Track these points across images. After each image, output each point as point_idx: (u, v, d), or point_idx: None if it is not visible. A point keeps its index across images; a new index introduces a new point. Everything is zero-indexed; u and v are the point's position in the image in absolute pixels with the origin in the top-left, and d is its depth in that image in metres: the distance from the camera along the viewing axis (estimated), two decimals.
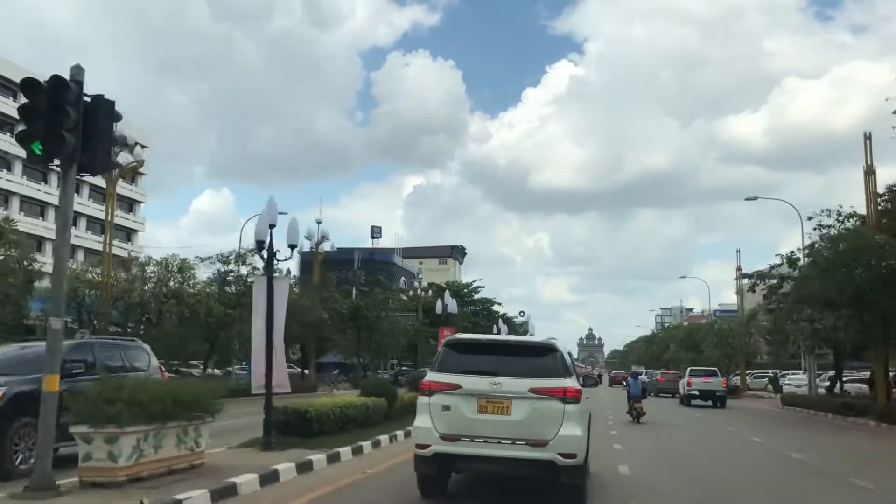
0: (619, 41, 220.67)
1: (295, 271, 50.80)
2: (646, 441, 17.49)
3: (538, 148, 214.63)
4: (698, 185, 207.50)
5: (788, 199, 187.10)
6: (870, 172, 25.84)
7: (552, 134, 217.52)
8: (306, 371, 46.92)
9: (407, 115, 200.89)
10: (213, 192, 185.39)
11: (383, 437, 14.04)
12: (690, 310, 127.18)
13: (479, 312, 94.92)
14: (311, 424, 12.43)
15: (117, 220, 72.53)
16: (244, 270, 35.47)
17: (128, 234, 73.11)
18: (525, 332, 75.19)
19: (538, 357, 8.12)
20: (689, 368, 37.06)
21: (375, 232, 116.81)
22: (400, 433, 15.01)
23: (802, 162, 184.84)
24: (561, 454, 7.48)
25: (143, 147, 31.66)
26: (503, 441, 7.60)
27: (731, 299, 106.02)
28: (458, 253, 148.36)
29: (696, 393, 34.36)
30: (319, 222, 47.34)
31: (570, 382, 7.94)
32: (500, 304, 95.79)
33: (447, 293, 24.40)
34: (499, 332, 39.48)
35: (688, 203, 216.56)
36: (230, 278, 35.47)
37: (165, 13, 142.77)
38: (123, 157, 28.31)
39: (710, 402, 34.45)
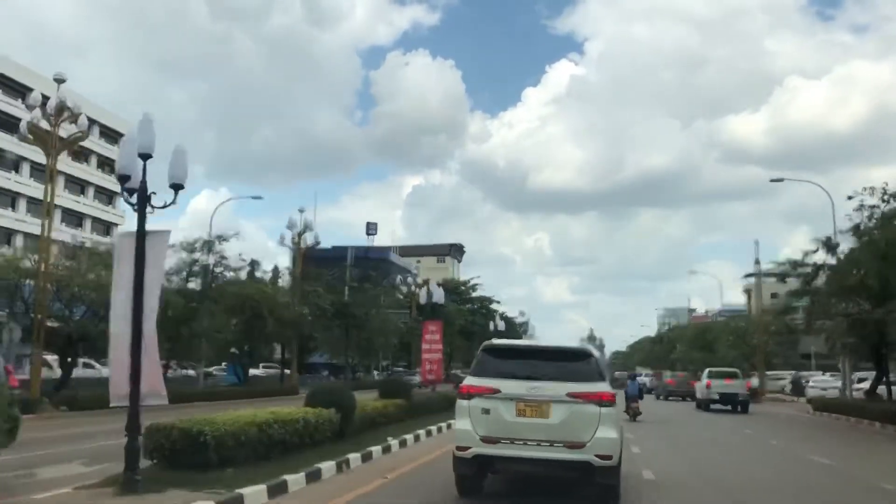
0: (619, 41, 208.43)
1: (292, 271, 47.45)
2: (674, 458, 13.71)
3: (538, 148, 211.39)
4: (699, 185, 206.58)
5: (788, 200, 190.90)
6: None
7: (552, 134, 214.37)
8: (287, 372, 42.93)
9: (406, 114, 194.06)
10: (212, 191, 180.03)
11: (326, 465, 10.18)
12: (693, 310, 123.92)
13: (478, 311, 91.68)
14: (208, 451, 8.62)
15: (95, 213, 69.47)
16: (211, 260, 31.51)
17: (107, 227, 69.24)
18: (525, 333, 71.57)
19: (574, 362, 8.40)
20: (707, 370, 33.20)
21: (371, 228, 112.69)
22: (355, 457, 11.29)
23: (803, 162, 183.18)
24: (597, 455, 7.74)
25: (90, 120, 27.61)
26: (542, 443, 7.86)
27: (735, 299, 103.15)
28: (456, 251, 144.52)
29: (717, 397, 30.56)
30: (302, 211, 43.38)
31: (605, 387, 8.19)
32: (498, 302, 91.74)
33: (433, 282, 21.02)
34: (496, 329, 35.83)
35: (688, 203, 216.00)
36: (196, 269, 31.54)
37: (165, 12, 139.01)
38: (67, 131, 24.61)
39: (729, 407, 30.96)
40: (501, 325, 36.62)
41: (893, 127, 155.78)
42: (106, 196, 70.25)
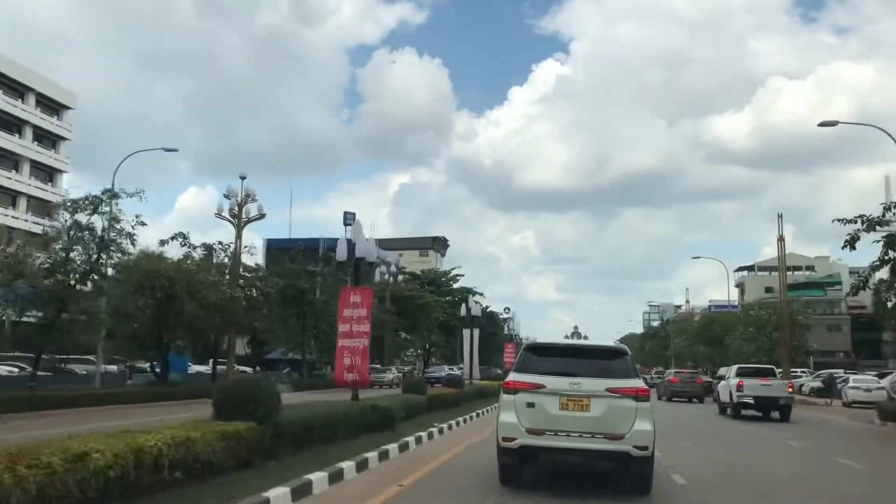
0: (605, 41, 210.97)
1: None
2: None
3: (524, 147, 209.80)
4: (684, 184, 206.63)
5: (772, 200, 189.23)
6: None
7: (538, 133, 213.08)
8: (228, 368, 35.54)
9: (393, 112, 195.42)
10: (199, 188, 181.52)
11: None
12: (679, 307, 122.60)
13: (459, 304, 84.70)
14: None
15: (31, 192, 61.67)
16: (99, 222, 24.29)
17: (48, 209, 61.08)
18: (511, 329, 64.84)
19: (611, 360, 9.04)
20: (734, 367, 26.19)
21: (348, 218, 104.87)
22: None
23: (787, 162, 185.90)
24: (635, 447, 8.35)
25: None
26: (584, 435, 8.46)
27: (724, 295, 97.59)
28: (439, 244, 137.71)
29: (751, 401, 23.62)
30: (243, 178, 36.04)
31: (640, 383, 8.91)
32: (481, 294, 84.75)
33: (361, 231, 14.57)
34: (469, 313, 29.32)
35: (673, 203, 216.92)
36: (84, 235, 24.24)
37: (150, 8, 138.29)
38: None
39: (760, 413, 24.86)
40: (476, 310, 29.70)
41: (875, 128, 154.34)
42: (45, 173, 62.41)
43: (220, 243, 33.86)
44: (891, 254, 19.66)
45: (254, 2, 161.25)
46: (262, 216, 36.08)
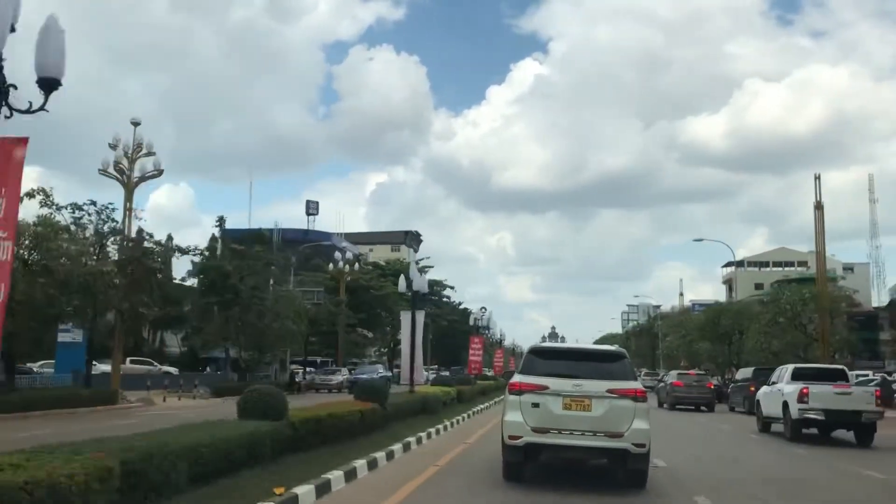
0: (583, 41, 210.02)
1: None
2: None
3: (502, 147, 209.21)
4: (660, 186, 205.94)
5: (748, 201, 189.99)
6: None
7: (516, 133, 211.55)
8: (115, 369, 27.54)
9: (370, 110, 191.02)
10: (172, 186, 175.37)
11: None
12: (658, 306, 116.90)
13: (426, 297, 76.81)
14: None
15: None
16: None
17: None
18: (486, 328, 57.05)
19: (611, 363, 9.66)
20: (789, 367, 18.51)
21: (311, 207, 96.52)
22: None
23: (762, 164, 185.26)
24: (634, 444, 8.92)
25: None
26: (586, 433, 8.99)
27: (705, 295, 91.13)
28: (412, 239, 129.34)
29: (820, 416, 15.97)
30: (136, 124, 28.13)
31: (639, 384, 9.52)
32: (452, 287, 77.45)
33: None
34: (410, 285, 21.18)
35: (649, 204, 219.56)
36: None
37: (122, 2, 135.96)
38: None
39: (818, 431, 17.59)
40: (422, 283, 21.40)
41: (850, 131, 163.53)
42: None
43: (106, 206, 25.75)
44: None
45: None
46: (158, 173, 28.77)
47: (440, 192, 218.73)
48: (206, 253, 37.92)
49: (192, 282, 40.98)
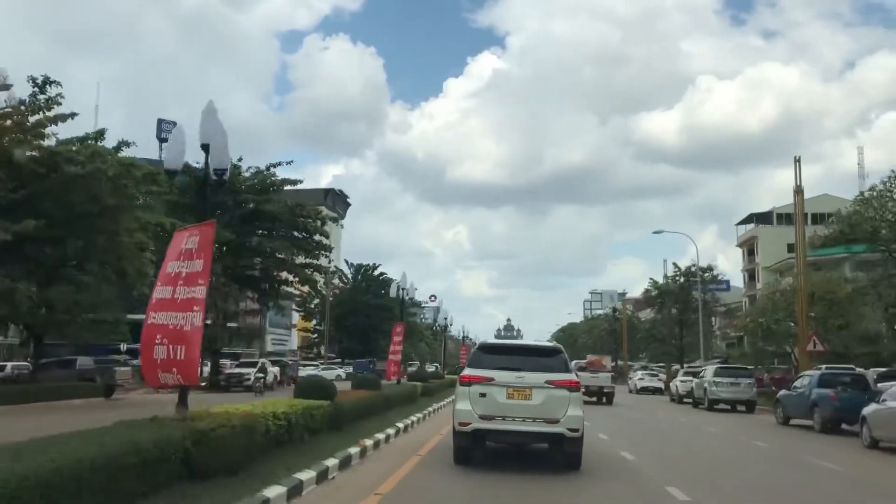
0: (540, 36, 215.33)
1: None
2: None
3: (458, 140, 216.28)
4: (615, 182, 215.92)
5: (701, 198, 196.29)
6: None
7: (472, 127, 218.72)
8: None
9: (325, 101, 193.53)
10: None
11: None
12: (623, 294, 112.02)
13: (359, 283, 69.68)
14: None
15: None
16: None
17: None
18: (444, 321, 51.61)
19: (549, 357, 11.01)
20: None
21: (164, 127, 75.80)
22: None
23: (715, 161, 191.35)
24: (568, 429, 10.23)
25: None
26: (527, 419, 10.30)
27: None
28: (338, 201, 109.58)
29: None
30: None
31: (572, 376, 10.85)
32: (384, 272, 70.82)
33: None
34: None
35: (604, 200, 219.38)
36: None
37: None
38: None
39: None
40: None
41: (799, 129, 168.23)
42: None
43: None
44: None
45: None
46: (5, 87, 23.14)
47: (396, 185, 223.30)
48: None
49: None
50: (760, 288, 74.93)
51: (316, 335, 74.53)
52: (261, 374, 33.48)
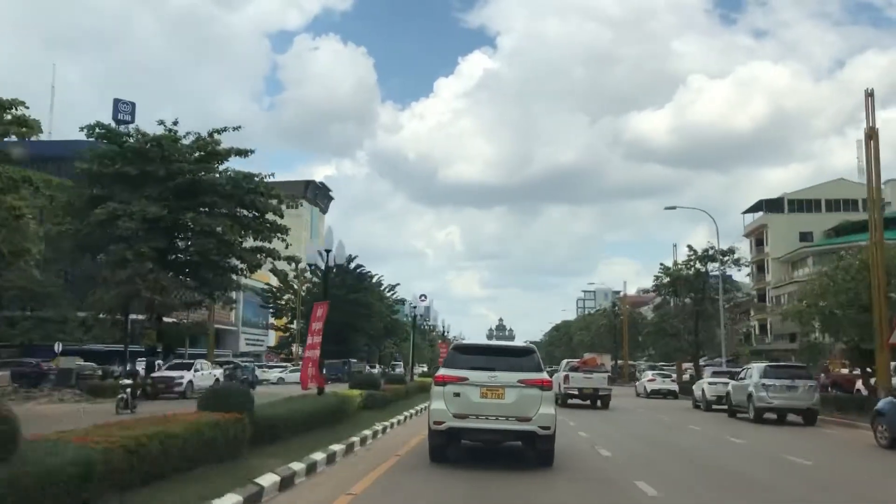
0: (531, 36, 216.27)
1: None
2: None
3: (449, 140, 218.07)
4: (605, 181, 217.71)
5: (692, 197, 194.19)
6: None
7: (463, 127, 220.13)
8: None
9: (315, 101, 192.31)
10: None
11: None
12: (618, 292, 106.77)
13: (333, 277, 57.59)
14: None
15: None
16: None
17: None
18: (432, 319, 55.22)
19: (521, 357, 11.25)
20: None
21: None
22: None
23: (706, 160, 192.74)
24: (540, 427, 10.54)
25: None
26: (500, 418, 10.60)
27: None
28: (319, 194, 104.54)
29: None
30: None
31: (545, 375, 11.14)
32: (370, 272, 66.95)
33: None
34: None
35: (596, 200, 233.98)
36: None
37: None
38: None
39: None
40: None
41: (789, 128, 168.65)
42: None
43: None
44: None
45: None
46: None
47: (387, 186, 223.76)
48: None
49: None
50: (770, 280, 69.99)
51: (288, 334, 69.00)
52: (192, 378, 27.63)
